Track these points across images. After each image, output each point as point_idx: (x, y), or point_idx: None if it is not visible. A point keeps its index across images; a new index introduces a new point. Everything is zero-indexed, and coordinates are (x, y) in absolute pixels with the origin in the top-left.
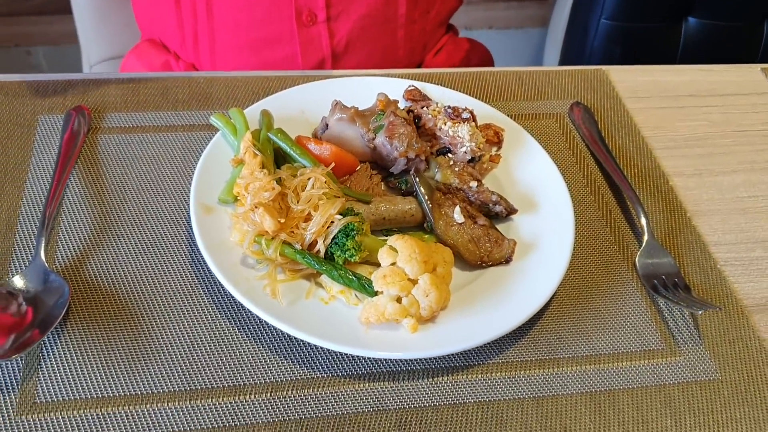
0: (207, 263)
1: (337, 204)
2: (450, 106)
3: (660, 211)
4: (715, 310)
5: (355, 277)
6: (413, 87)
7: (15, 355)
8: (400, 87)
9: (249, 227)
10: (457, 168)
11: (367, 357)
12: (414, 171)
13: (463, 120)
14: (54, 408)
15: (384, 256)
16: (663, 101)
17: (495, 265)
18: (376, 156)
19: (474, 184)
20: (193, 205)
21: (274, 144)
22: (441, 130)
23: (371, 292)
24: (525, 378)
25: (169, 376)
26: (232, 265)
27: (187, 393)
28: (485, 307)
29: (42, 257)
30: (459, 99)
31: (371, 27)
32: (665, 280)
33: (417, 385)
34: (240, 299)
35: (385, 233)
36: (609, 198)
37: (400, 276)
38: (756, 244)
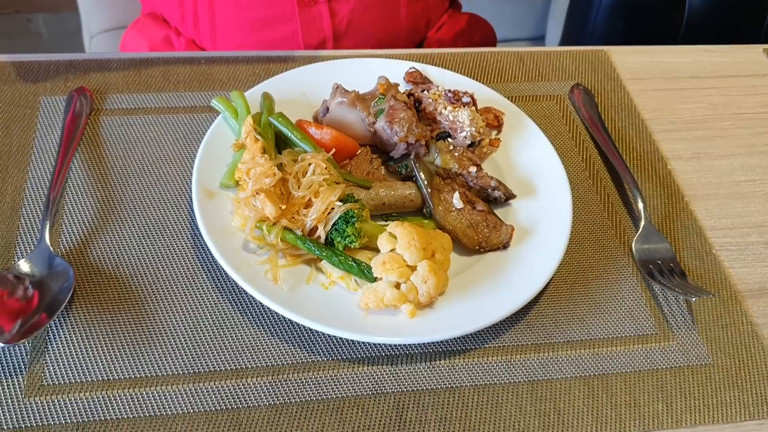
0: (209, 248)
1: (338, 190)
2: (450, 90)
3: (658, 196)
4: (710, 297)
5: (355, 263)
6: (414, 69)
7: (22, 340)
8: (401, 69)
9: (250, 213)
10: (457, 153)
11: (367, 342)
12: (414, 156)
13: (464, 104)
14: (61, 390)
15: (383, 242)
16: (663, 83)
17: (493, 251)
18: (376, 140)
19: (473, 169)
20: (195, 191)
21: (275, 128)
22: (441, 114)
23: (371, 278)
24: (520, 362)
25: (173, 359)
26: (234, 250)
27: (191, 376)
28: (482, 293)
29: (47, 241)
30: (460, 81)
31: (373, 6)
32: (661, 265)
33: (415, 369)
34: (242, 285)
35: (385, 218)
36: (607, 182)
37: (399, 262)
38: (752, 228)
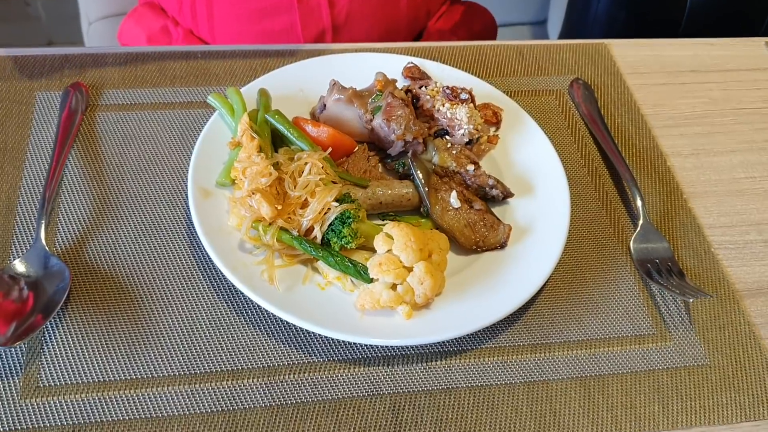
0: (205, 249)
1: (334, 191)
2: (449, 86)
3: (656, 193)
4: (708, 298)
5: (352, 264)
6: (412, 64)
7: (18, 342)
8: (399, 63)
9: (246, 213)
10: (455, 151)
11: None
12: (411, 155)
13: (462, 101)
14: (57, 392)
15: (380, 243)
16: (664, 77)
17: (490, 250)
18: (374, 137)
19: (471, 167)
20: (191, 190)
21: (271, 126)
22: (439, 111)
23: (367, 279)
24: (517, 363)
25: (169, 360)
26: (230, 251)
27: (187, 377)
28: (479, 293)
29: (42, 240)
30: (458, 77)
31: None
32: (659, 265)
33: (411, 370)
34: (238, 286)
35: (382, 217)
36: (606, 179)
37: (395, 264)
38: (750, 226)
